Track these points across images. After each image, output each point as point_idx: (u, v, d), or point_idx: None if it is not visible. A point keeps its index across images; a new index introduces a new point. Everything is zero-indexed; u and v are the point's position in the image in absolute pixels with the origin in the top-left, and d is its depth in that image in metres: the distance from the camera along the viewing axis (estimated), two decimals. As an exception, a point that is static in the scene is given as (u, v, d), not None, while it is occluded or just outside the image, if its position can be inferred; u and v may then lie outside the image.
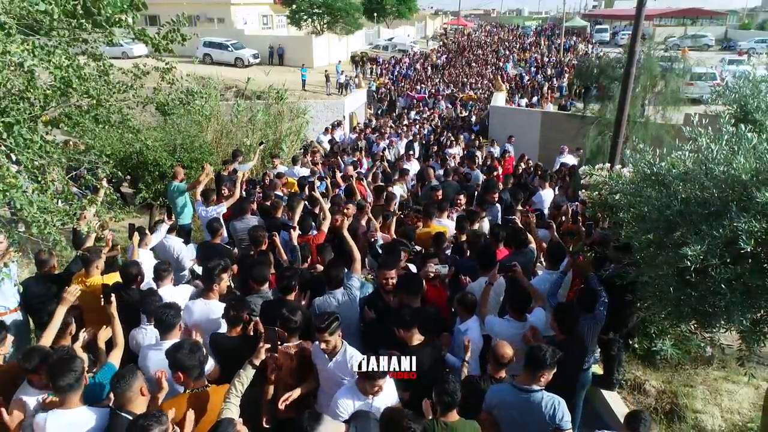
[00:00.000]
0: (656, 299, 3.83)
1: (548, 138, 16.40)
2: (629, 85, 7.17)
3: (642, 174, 4.27)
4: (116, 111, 4.09)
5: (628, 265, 4.24)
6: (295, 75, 26.47)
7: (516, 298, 4.11)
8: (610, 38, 45.19)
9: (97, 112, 3.86)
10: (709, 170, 3.29)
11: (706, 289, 3.39)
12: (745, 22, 55.63)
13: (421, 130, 17.69)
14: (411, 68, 33.39)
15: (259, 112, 11.45)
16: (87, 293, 4.26)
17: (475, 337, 3.89)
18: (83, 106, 3.85)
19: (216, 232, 5.48)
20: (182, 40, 4.03)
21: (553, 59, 34.69)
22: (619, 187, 5.02)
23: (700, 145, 3.47)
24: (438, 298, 4.50)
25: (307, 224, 5.64)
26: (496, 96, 21.22)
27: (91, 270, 4.48)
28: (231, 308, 3.65)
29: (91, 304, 4.19)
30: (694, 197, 3.43)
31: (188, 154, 8.21)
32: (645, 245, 4.07)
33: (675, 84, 9.11)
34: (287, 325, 3.46)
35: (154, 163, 7.68)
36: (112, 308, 3.62)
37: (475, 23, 66.57)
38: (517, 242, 5.19)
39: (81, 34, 3.63)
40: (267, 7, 42.28)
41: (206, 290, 4.13)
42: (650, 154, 4.20)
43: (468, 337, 3.78)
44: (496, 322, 4.06)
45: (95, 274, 4.49)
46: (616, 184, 5.11)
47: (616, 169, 5.66)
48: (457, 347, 3.92)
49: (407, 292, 3.95)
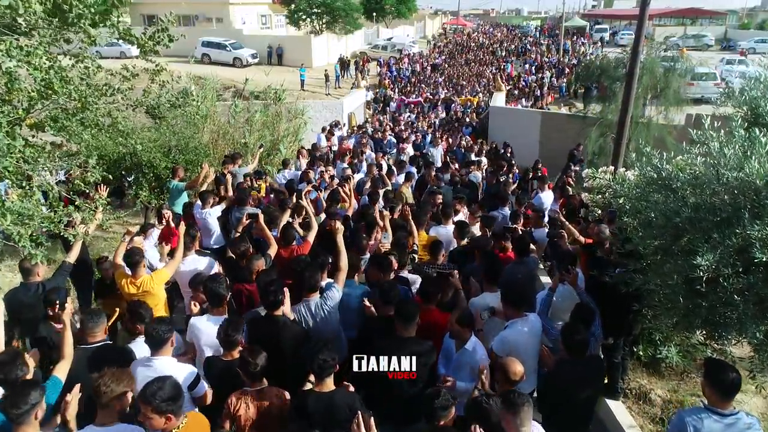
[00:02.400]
0: (664, 308, 3.70)
1: (548, 138, 16.27)
2: (633, 86, 7.03)
3: (648, 178, 4.15)
4: (105, 114, 3.94)
5: (634, 271, 4.11)
6: (294, 75, 26.32)
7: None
8: (610, 38, 45.02)
9: (83, 115, 3.71)
10: (721, 175, 3.16)
11: (717, 300, 3.26)
12: (745, 21, 55.53)
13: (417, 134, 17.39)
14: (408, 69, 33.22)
15: (257, 112, 11.29)
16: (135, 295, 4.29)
17: (484, 357, 3.69)
18: (69, 109, 3.70)
19: (193, 239, 5.28)
20: (169, 41, 3.87)
21: (554, 59, 34.53)
22: (624, 191, 4.90)
23: (711, 149, 3.33)
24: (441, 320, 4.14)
25: (290, 234, 5.32)
26: (495, 96, 21.08)
27: (138, 271, 4.38)
28: (226, 330, 3.36)
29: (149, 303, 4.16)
30: (704, 203, 3.30)
31: (183, 156, 8.08)
32: (652, 252, 3.95)
33: (677, 84, 8.98)
34: (246, 369, 3.06)
35: (149, 165, 7.55)
36: (65, 315, 3.40)
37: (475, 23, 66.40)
38: (520, 249, 5.04)
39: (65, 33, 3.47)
40: (266, 6, 42.08)
41: (214, 306, 3.89)
42: (657, 157, 4.07)
43: (484, 365, 3.53)
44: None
45: (142, 273, 4.40)
46: (621, 188, 4.97)
47: (620, 172, 5.53)
48: (463, 366, 3.66)
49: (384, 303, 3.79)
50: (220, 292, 3.82)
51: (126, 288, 4.39)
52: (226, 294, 3.88)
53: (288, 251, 5.23)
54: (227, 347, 3.38)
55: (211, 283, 3.86)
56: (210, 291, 3.83)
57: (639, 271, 4.09)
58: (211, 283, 3.86)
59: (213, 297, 3.82)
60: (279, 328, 3.64)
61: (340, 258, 4.20)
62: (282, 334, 3.62)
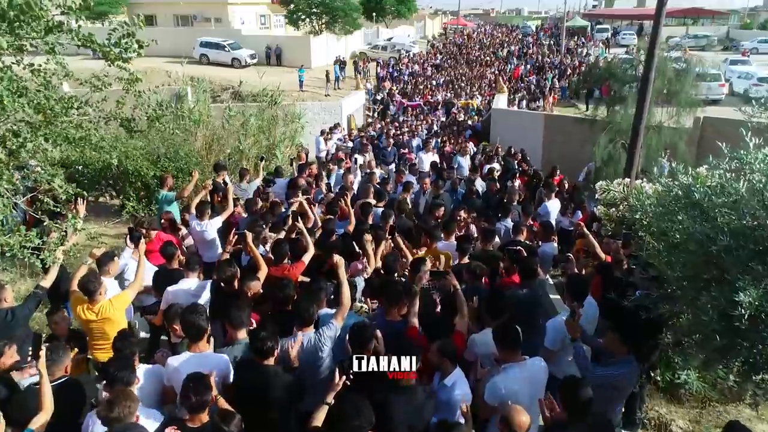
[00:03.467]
0: (694, 344, 3.33)
1: (552, 141, 15.87)
2: (648, 90, 6.62)
3: (673, 195, 3.78)
4: (76, 126, 3.55)
5: (661, 298, 3.73)
6: (293, 75, 25.94)
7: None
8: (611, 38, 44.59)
9: (47, 130, 3.33)
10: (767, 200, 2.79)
11: (758, 339, 2.90)
12: (747, 21, 55.11)
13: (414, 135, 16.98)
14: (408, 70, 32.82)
15: (252, 116, 10.90)
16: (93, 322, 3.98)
17: (467, 393, 3.30)
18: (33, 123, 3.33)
19: (171, 256, 4.87)
20: (139, 48, 3.44)
21: (555, 60, 34.12)
22: (643, 206, 4.51)
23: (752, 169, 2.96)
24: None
25: (282, 251, 4.79)
26: (497, 98, 20.69)
27: (95, 296, 3.97)
28: (191, 390, 2.79)
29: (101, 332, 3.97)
30: (743, 230, 2.93)
31: (173, 164, 7.68)
32: (679, 277, 3.58)
33: (690, 86, 8.58)
34: None
35: (136, 174, 7.16)
36: (41, 364, 3.04)
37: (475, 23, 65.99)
38: (525, 274, 4.50)
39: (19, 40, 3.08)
40: (265, 6, 41.72)
41: (193, 341, 3.46)
42: (682, 172, 3.71)
43: (466, 403, 3.18)
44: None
45: (101, 298, 4.00)
46: (641, 205, 4.57)
47: (637, 184, 5.15)
48: (443, 405, 3.25)
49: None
50: (199, 324, 3.39)
51: (83, 314, 4.00)
52: (206, 326, 3.44)
53: (279, 270, 4.81)
54: (192, 411, 2.83)
55: (188, 314, 3.41)
56: (186, 323, 3.40)
57: (664, 298, 3.73)
58: (188, 314, 3.41)
59: (190, 330, 3.40)
60: (268, 378, 3.19)
61: (342, 293, 3.74)
62: (271, 385, 3.18)
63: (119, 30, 3.34)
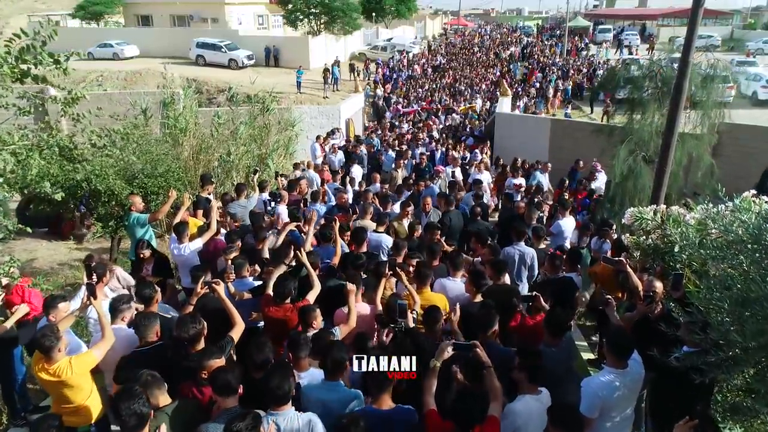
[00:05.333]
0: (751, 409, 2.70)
1: (558, 147, 15.21)
2: (681, 100, 5.85)
3: (736, 237, 3.12)
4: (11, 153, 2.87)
5: (721, 362, 3.06)
6: (291, 77, 25.29)
7: None
8: (613, 39, 43.95)
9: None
10: None
11: None
12: (750, 21, 54.52)
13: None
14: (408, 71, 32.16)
15: (242, 124, 10.20)
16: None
17: None
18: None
19: (150, 300, 4.10)
20: (56, 64, 2.61)
21: (558, 61, 33.46)
22: (688, 239, 3.82)
23: None
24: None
25: (285, 290, 4.13)
26: (501, 101, 20.00)
27: (52, 355, 3.32)
28: None
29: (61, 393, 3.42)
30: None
31: (151, 180, 6.95)
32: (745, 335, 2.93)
33: (716, 93, 7.90)
34: None
35: (109, 193, 6.44)
36: None
37: (475, 23, 65.39)
38: (554, 331, 3.72)
39: None
40: (262, 6, 41.08)
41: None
42: (747, 211, 3.05)
43: None
44: None
45: (58, 357, 3.35)
46: (682, 238, 3.89)
47: (674, 211, 4.47)
48: None
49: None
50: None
51: (39, 374, 3.38)
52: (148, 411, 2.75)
53: (280, 311, 4.12)
54: None
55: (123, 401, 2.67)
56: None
57: (725, 361, 3.08)
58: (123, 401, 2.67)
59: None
60: None
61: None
62: None
63: (17, 41, 2.56)
